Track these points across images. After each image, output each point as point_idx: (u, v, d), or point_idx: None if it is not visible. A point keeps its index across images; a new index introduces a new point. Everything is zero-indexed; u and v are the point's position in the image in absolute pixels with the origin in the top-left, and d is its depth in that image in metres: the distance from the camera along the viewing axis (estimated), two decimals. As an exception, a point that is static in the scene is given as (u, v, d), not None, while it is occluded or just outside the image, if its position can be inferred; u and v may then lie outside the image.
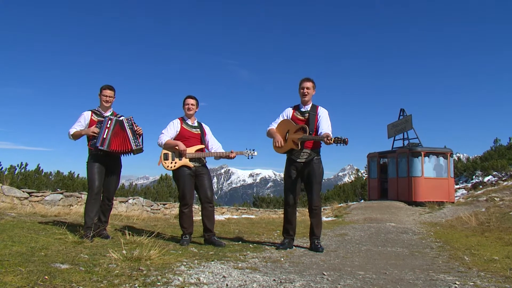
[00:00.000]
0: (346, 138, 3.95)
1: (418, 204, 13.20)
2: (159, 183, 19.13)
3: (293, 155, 4.45)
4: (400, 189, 14.44)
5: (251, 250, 4.24)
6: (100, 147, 4.23)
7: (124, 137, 4.35)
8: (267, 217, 12.43)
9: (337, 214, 12.26)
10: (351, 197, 23.66)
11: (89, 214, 4.21)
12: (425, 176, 13.82)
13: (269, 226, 7.38)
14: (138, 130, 4.46)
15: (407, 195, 13.94)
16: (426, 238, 5.85)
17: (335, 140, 3.99)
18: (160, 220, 7.33)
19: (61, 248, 3.44)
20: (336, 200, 20.76)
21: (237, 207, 16.69)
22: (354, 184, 26.53)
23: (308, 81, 4.53)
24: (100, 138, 4.25)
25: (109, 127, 4.32)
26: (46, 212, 6.58)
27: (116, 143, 4.32)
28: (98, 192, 4.29)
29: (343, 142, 3.96)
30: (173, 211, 12.80)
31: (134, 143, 4.37)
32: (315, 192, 4.42)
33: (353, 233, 6.57)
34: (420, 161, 13.96)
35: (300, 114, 4.52)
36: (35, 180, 15.13)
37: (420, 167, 13.88)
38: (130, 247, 3.56)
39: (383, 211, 11.68)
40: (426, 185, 13.70)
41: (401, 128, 15.91)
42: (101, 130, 4.28)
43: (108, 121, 4.35)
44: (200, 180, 4.57)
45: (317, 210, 4.48)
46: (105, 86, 4.53)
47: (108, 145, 4.27)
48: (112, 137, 4.30)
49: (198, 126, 4.71)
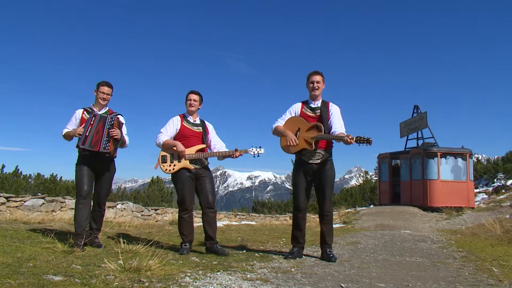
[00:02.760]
0: (370, 138, 3.91)
1: (434, 210, 13.22)
2: (150, 186, 19.12)
3: (304, 156, 4.42)
4: (414, 193, 14.45)
5: (258, 259, 4.23)
6: (82, 145, 4.21)
7: (100, 136, 4.31)
8: (269, 224, 12.45)
9: (346, 220, 12.31)
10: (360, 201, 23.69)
11: (78, 221, 4.18)
12: (442, 179, 13.84)
13: (273, 234, 7.37)
14: (112, 133, 4.33)
15: (422, 200, 13.94)
16: (447, 247, 5.86)
17: (357, 139, 3.95)
18: (154, 227, 7.32)
19: (50, 258, 3.42)
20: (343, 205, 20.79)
21: (236, 213, 16.68)
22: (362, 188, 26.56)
23: (317, 75, 4.50)
24: (82, 136, 4.23)
25: (93, 124, 4.29)
26: (29, 219, 6.55)
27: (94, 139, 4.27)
28: (86, 196, 4.25)
29: (367, 142, 3.92)
30: (166, 217, 12.79)
31: (102, 145, 4.27)
32: (327, 197, 4.40)
33: (365, 241, 6.58)
34: (436, 162, 13.96)
35: (311, 111, 4.49)
36: (13, 184, 15.09)
37: (436, 169, 13.89)
38: (126, 257, 3.54)
39: (396, 217, 11.70)
40: (443, 189, 13.72)
41: (415, 127, 15.92)
42: (84, 128, 4.27)
43: (92, 117, 4.33)
44: (201, 184, 4.55)
45: (329, 217, 4.48)
46: (103, 82, 4.50)
47: (89, 143, 4.23)
48: (94, 135, 4.27)
49: (200, 124, 4.69)
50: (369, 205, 20.53)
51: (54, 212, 9.81)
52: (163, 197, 18.57)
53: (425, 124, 15.35)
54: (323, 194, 4.41)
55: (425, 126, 15.42)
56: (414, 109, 16.34)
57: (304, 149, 4.36)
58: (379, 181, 17.30)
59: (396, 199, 15.60)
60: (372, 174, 28.29)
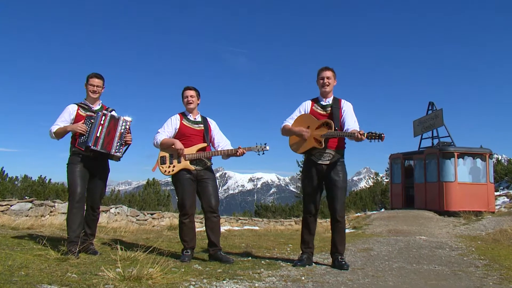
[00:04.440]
0: (382, 134, 3.93)
1: (451, 214, 13.16)
2: (145, 189, 19.16)
3: (314, 156, 4.43)
4: (429, 197, 14.39)
5: (265, 267, 4.23)
6: (93, 147, 4.19)
7: (112, 137, 4.32)
8: (273, 229, 12.44)
9: (356, 225, 12.28)
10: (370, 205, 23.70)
11: (71, 226, 4.17)
12: (459, 181, 13.77)
13: (278, 239, 7.38)
14: (127, 138, 4.44)
15: (437, 203, 13.88)
16: (467, 255, 5.83)
17: (369, 135, 3.97)
18: (151, 232, 7.33)
19: (43, 266, 3.42)
20: (352, 209, 20.81)
21: (237, 217, 16.74)
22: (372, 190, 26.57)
23: (328, 70, 4.53)
24: (93, 137, 4.21)
25: (103, 123, 4.29)
26: (17, 224, 6.56)
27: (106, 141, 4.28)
28: (80, 199, 4.24)
29: (378, 138, 3.94)
30: (163, 221, 12.83)
31: (115, 148, 4.32)
32: (339, 201, 4.40)
33: (378, 247, 6.56)
34: (453, 163, 13.91)
35: (321, 108, 4.50)
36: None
37: (453, 171, 13.83)
38: (124, 264, 3.54)
39: (410, 222, 11.65)
40: (460, 192, 13.65)
41: (430, 125, 15.86)
42: (93, 127, 4.25)
43: (102, 116, 4.32)
44: (202, 186, 4.55)
45: (341, 223, 4.47)
46: (92, 74, 4.50)
47: (102, 145, 4.24)
48: (106, 136, 4.28)
49: (201, 121, 4.69)
50: (380, 209, 20.49)
51: (43, 217, 9.84)
52: (159, 200, 18.62)
53: (441, 122, 15.28)
54: (334, 198, 4.40)
55: (441, 124, 15.34)
56: (429, 106, 16.27)
57: (313, 148, 4.36)
58: (391, 183, 17.24)
59: (409, 203, 15.53)
60: (383, 176, 28.30)
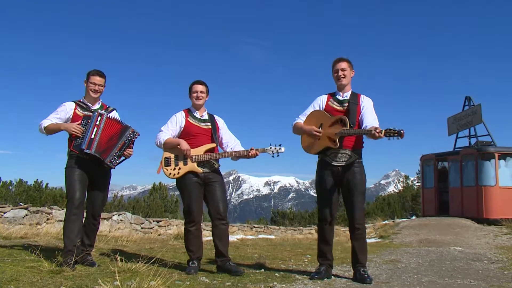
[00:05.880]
0: (401, 130, 3.89)
1: (491, 223, 12.99)
2: (151, 194, 19.33)
3: (328, 157, 4.40)
4: (466, 203, 14.25)
5: (278, 280, 4.22)
6: (87, 150, 4.23)
7: (112, 145, 4.35)
8: (291, 238, 12.43)
9: (383, 234, 12.26)
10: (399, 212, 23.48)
11: (69, 235, 4.21)
12: (501, 185, 13.60)
13: (295, 250, 7.36)
14: (128, 151, 4.48)
15: (475, 210, 13.74)
16: (508, 268, 5.72)
17: (387, 132, 3.93)
18: (156, 242, 7.39)
19: (35, 279, 3.46)
20: (380, 216, 20.67)
21: (252, 225, 16.75)
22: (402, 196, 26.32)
23: (342, 61, 4.49)
24: (87, 139, 4.25)
25: (99, 124, 4.32)
26: (9, 233, 6.67)
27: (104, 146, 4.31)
28: (79, 205, 4.29)
29: (398, 134, 3.91)
30: (170, 230, 12.91)
31: (111, 157, 4.33)
32: (357, 206, 4.37)
33: (407, 259, 6.50)
34: (493, 165, 13.72)
35: (338, 103, 4.48)
36: (-10, 192, 15.41)
37: (494, 173, 13.65)
38: (124, 277, 3.57)
39: (444, 231, 11.57)
40: (502, 197, 13.47)
41: (467, 122, 15.68)
42: (88, 128, 4.28)
43: (97, 117, 4.35)
44: (210, 190, 4.56)
45: (361, 230, 4.44)
46: (94, 71, 4.54)
47: (96, 148, 4.27)
48: (103, 140, 4.30)
49: (208, 119, 4.70)
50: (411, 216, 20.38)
51: (39, 224, 9.97)
52: (166, 206, 18.76)
53: (479, 119, 15.09)
54: (352, 203, 4.37)
55: (479, 122, 15.16)
56: (466, 101, 16.09)
57: (327, 148, 4.33)
58: (423, 188, 17.15)
59: (443, 209, 15.43)
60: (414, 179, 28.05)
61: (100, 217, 4.75)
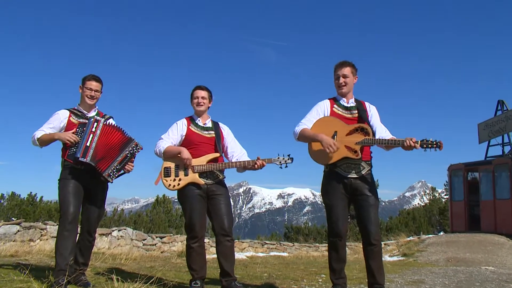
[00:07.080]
0: (440, 141, 3.89)
1: (527, 239, 12.84)
2: (154, 208, 19.39)
3: (339, 168, 4.35)
4: (500, 217, 14.16)
5: (289, 303, 4.18)
6: (82, 158, 4.24)
7: (113, 156, 4.36)
8: (305, 255, 12.36)
9: (406, 252, 12.25)
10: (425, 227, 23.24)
11: (61, 252, 4.19)
12: (538, 198, 13.45)
13: (309, 269, 7.31)
14: (129, 166, 4.50)
15: (510, 225, 13.58)
16: (545, 290, 5.62)
17: (423, 143, 3.92)
18: (157, 260, 7.38)
19: (24, 300, 3.46)
20: (403, 231, 20.50)
21: (263, 241, 16.68)
22: (428, 209, 26.07)
23: (345, 66, 4.43)
24: (82, 147, 4.26)
25: (95, 131, 4.32)
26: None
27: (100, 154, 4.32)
28: (73, 220, 4.27)
29: (436, 146, 3.90)
30: (174, 246, 12.92)
31: (110, 170, 4.33)
32: (373, 221, 4.30)
33: (432, 280, 6.43)
34: (529, 175, 13.59)
35: (345, 110, 4.44)
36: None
37: (530, 185, 13.52)
38: (119, 299, 3.55)
39: (474, 248, 11.51)
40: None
41: (500, 129, 15.56)
42: (83, 136, 4.30)
43: (93, 123, 4.35)
44: (214, 204, 4.53)
45: (377, 247, 4.36)
46: (90, 76, 4.56)
47: (92, 156, 4.28)
48: (98, 146, 4.32)
49: (212, 127, 4.69)
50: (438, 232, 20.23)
51: (32, 241, 10.01)
52: (170, 221, 18.79)
53: (513, 125, 14.98)
54: (368, 217, 4.31)
55: (513, 128, 15.04)
56: (498, 105, 16.00)
57: (344, 158, 4.29)
58: (451, 201, 17.07)
59: (474, 225, 15.34)
60: (441, 192, 27.81)
61: (96, 233, 4.74)
